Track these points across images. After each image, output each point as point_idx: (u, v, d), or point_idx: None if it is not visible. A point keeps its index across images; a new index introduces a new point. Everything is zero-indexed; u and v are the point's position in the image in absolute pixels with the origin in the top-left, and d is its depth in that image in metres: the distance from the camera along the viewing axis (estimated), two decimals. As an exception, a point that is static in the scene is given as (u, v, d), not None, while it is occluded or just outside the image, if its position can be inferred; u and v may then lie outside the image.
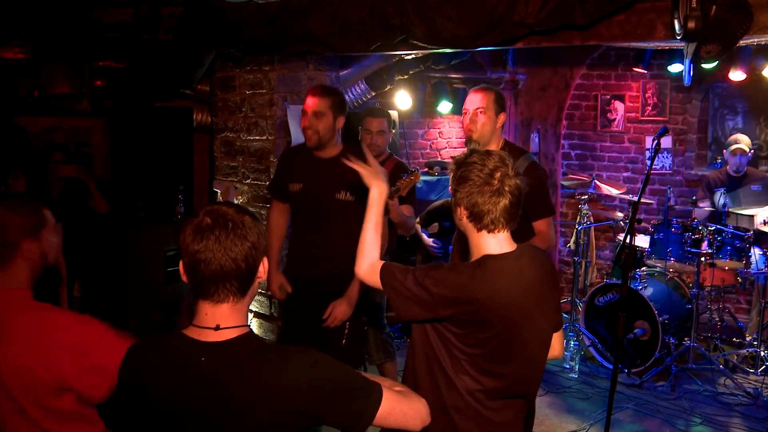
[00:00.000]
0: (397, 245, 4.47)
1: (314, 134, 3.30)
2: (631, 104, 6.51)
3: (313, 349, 1.60)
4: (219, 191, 4.85)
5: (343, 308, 3.29)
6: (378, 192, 2.17)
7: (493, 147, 3.17)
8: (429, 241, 5.26)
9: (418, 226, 5.37)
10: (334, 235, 3.35)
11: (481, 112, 3.15)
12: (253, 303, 4.88)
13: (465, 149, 2.23)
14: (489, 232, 1.97)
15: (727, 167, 5.40)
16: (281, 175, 3.55)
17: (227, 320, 1.56)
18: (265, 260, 1.62)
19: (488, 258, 1.96)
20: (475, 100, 3.17)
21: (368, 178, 2.22)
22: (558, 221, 6.61)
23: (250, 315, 4.93)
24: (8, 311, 1.90)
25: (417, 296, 1.94)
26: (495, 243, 1.98)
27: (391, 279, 2.01)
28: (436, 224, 5.30)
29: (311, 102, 3.31)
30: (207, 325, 1.56)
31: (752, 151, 5.37)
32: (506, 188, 1.93)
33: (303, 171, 3.44)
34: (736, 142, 5.29)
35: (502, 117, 3.20)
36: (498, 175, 1.93)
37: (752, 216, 4.87)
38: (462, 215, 2.00)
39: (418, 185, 5.99)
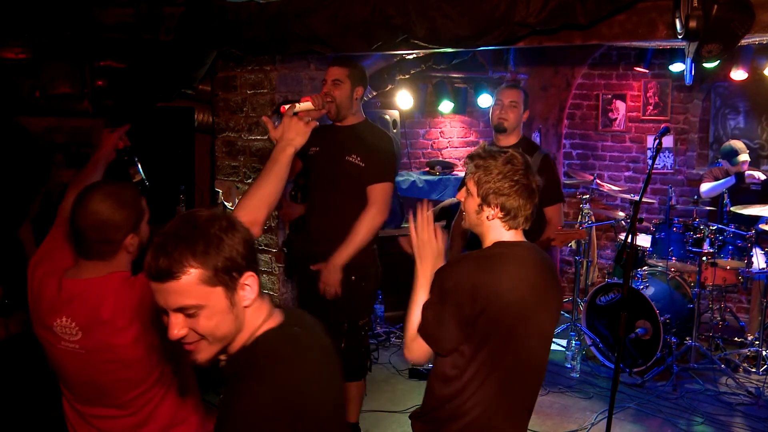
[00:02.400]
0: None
1: (332, 102, 3.37)
2: (633, 104, 6.50)
3: None
4: (221, 191, 4.86)
5: (327, 270, 3.33)
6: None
7: (514, 138, 3.73)
8: None
9: None
10: (344, 204, 3.41)
11: (513, 107, 3.66)
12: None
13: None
14: (515, 229, 2.05)
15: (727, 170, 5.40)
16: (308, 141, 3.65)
17: None
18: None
19: (500, 244, 2.04)
20: (510, 94, 3.69)
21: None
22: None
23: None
24: (113, 292, 1.95)
25: (448, 309, 1.96)
26: (511, 236, 2.06)
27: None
28: (444, 221, 5.29)
29: (330, 71, 3.43)
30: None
31: (749, 153, 5.38)
32: (536, 187, 2.03)
33: (321, 136, 3.50)
34: (738, 153, 5.27)
35: (526, 114, 3.77)
36: (531, 176, 2.02)
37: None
38: (493, 216, 2.02)
39: (419, 185, 6.02)
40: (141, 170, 2.80)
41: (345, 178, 3.40)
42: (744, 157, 5.24)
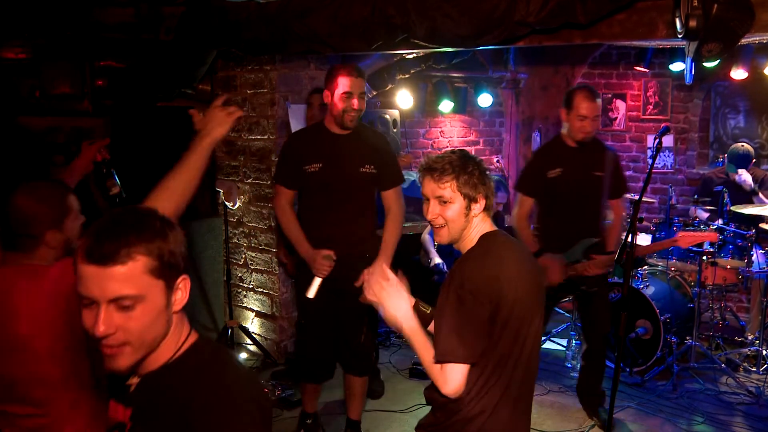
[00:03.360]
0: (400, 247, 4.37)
1: (357, 114, 3.38)
2: (633, 103, 6.50)
3: None
4: (221, 191, 4.86)
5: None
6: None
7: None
8: (436, 258, 5.16)
9: (428, 237, 5.30)
10: (357, 211, 3.43)
11: (597, 118, 3.81)
12: (255, 302, 4.88)
13: (467, 148, 2.30)
14: (490, 218, 2.18)
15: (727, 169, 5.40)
16: (292, 160, 3.46)
17: None
18: None
19: (487, 237, 2.12)
20: (595, 108, 3.74)
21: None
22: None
23: (252, 314, 4.93)
24: (22, 281, 1.97)
25: (472, 313, 1.96)
26: (489, 225, 2.16)
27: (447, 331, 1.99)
28: None
29: (356, 83, 3.33)
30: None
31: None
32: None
33: (320, 150, 3.41)
34: (739, 166, 5.26)
35: None
36: (484, 164, 2.21)
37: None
38: (479, 209, 2.12)
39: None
40: (119, 182, 2.82)
41: (359, 188, 3.43)
42: (740, 170, 5.26)
